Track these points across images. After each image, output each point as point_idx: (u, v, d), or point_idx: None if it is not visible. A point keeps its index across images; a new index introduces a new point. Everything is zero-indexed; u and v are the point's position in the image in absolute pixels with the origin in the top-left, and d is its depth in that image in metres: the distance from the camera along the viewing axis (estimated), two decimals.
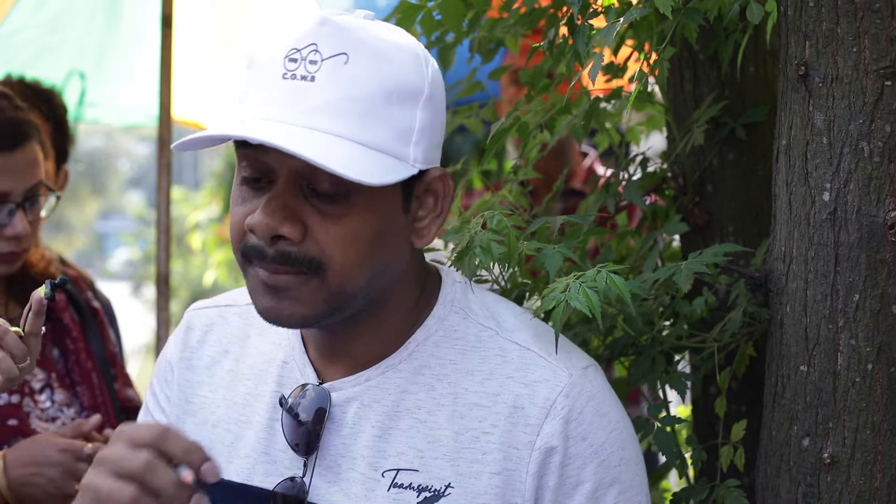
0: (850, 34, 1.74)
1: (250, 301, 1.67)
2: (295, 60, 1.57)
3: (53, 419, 2.62)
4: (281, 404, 1.69)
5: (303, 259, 1.59)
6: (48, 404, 2.62)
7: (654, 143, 3.07)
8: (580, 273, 1.75)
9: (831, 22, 1.75)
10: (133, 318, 9.17)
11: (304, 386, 1.71)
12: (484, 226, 1.82)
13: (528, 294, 2.09)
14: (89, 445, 2.49)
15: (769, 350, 1.93)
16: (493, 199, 2.27)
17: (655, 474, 2.29)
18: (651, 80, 2.13)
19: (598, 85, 2.18)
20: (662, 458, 2.01)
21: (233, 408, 1.77)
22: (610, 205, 2.17)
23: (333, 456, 1.68)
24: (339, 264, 1.59)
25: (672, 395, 2.05)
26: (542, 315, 1.78)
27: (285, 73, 1.56)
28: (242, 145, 1.61)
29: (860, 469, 1.81)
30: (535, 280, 2.06)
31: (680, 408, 2.48)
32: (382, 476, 1.66)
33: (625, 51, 2.29)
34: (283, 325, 1.65)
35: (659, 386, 2.00)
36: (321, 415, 1.68)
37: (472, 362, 1.69)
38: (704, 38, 2.11)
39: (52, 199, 2.67)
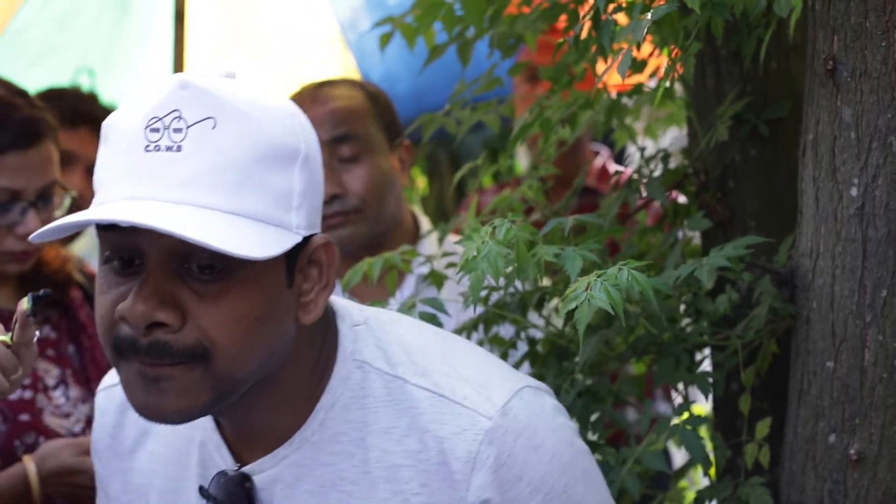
0: (878, 28, 1.73)
1: None
2: (157, 130, 1.44)
3: (67, 415, 2.62)
4: (202, 494, 1.60)
5: (183, 349, 1.45)
6: (63, 400, 2.62)
7: (665, 141, 3.06)
8: (601, 272, 1.73)
9: (860, 16, 1.75)
10: None
11: (223, 472, 1.60)
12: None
13: (548, 296, 2.08)
14: None
15: (794, 346, 1.93)
16: (513, 196, 2.26)
17: (676, 474, 2.28)
18: (670, 75, 2.12)
19: (619, 81, 2.17)
20: (675, 456, 2.01)
21: (164, 496, 1.67)
22: (632, 201, 2.16)
23: None
24: (225, 348, 1.46)
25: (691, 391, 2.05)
26: (564, 316, 1.76)
27: (148, 146, 1.43)
28: (107, 228, 1.46)
29: (887, 465, 1.81)
30: (554, 283, 2.06)
31: (696, 406, 2.47)
32: None
33: (645, 47, 2.28)
34: (168, 422, 1.50)
35: (685, 384, 2.00)
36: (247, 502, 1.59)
37: (386, 420, 1.57)
38: (727, 33, 2.10)
39: (66, 199, 2.66)
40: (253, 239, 1.43)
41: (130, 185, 1.44)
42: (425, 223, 2.74)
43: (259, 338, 1.48)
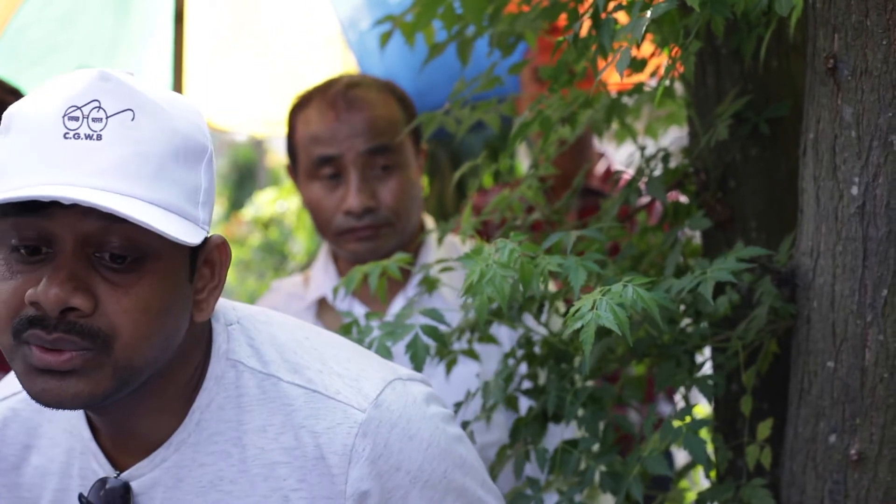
0: (879, 26, 1.73)
1: None
2: (76, 119, 1.45)
3: None
4: (81, 503, 1.60)
5: (91, 331, 1.47)
6: None
7: (665, 140, 3.05)
8: (606, 288, 1.73)
9: (860, 14, 1.74)
10: None
11: (102, 480, 1.60)
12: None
13: (549, 302, 2.08)
14: None
15: (795, 346, 1.92)
16: (512, 196, 2.25)
17: (677, 474, 2.27)
18: (669, 75, 2.11)
19: (619, 80, 2.16)
20: (677, 455, 2.00)
21: None
22: (632, 200, 2.15)
23: None
24: (127, 337, 1.48)
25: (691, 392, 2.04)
26: (569, 334, 1.76)
27: (67, 133, 1.44)
28: (17, 213, 1.46)
29: (888, 466, 1.79)
30: (556, 291, 2.05)
31: (697, 406, 2.46)
32: None
33: (646, 46, 2.27)
34: (66, 408, 1.50)
35: (684, 389, 1.99)
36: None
37: (261, 418, 1.60)
38: (727, 32, 2.09)
39: None
40: (173, 227, 1.46)
41: (47, 172, 1.44)
42: (429, 222, 2.73)
43: (160, 328, 1.50)
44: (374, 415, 1.59)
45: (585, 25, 1.96)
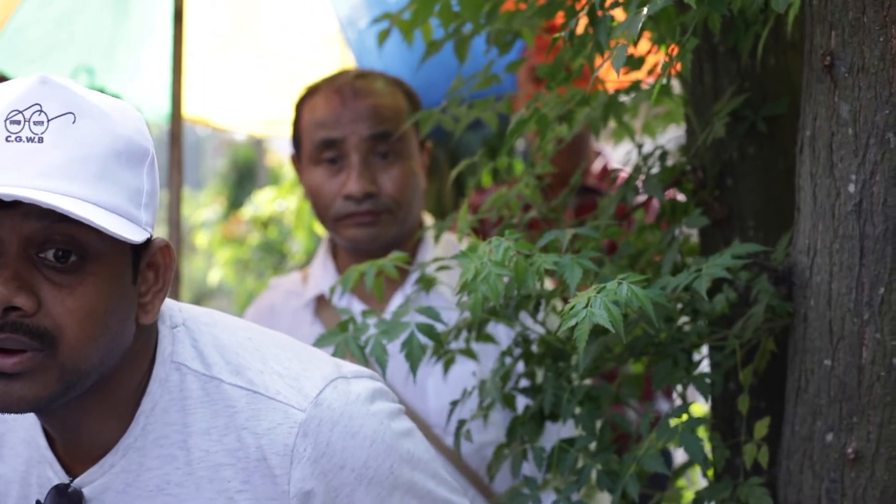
0: (876, 23, 1.72)
1: None
2: (18, 122, 1.48)
3: None
4: None
5: (36, 330, 1.49)
6: None
7: (663, 139, 3.04)
8: (601, 286, 1.73)
9: (857, 11, 1.73)
10: None
11: (56, 487, 1.63)
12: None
13: (546, 301, 2.07)
14: None
15: (792, 344, 1.91)
16: (509, 194, 2.24)
17: (674, 473, 2.27)
18: (666, 72, 2.11)
19: (616, 77, 2.16)
20: (675, 454, 1.99)
21: None
22: (629, 199, 2.15)
23: None
24: (73, 338, 1.50)
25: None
26: (566, 332, 1.76)
27: (9, 136, 1.47)
28: None
29: (885, 464, 1.79)
30: (552, 290, 2.05)
31: (694, 405, 2.46)
32: None
33: (643, 44, 2.27)
34: (12, 411, 1.53)
35: (681, 388, 1.98)
36: None
37: (204, 420, 1.61)
38: (724, 30, 2.09)
39: None
40: (114, 225, 1.48)
41: None
42: (428, 220, 2.73)
43: (105, 330, 1.52)
44: (314, 414, 1.60)
45: (582, 23, 1.96)
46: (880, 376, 1.77)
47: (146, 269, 1.58)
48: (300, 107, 2.67)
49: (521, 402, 2.22)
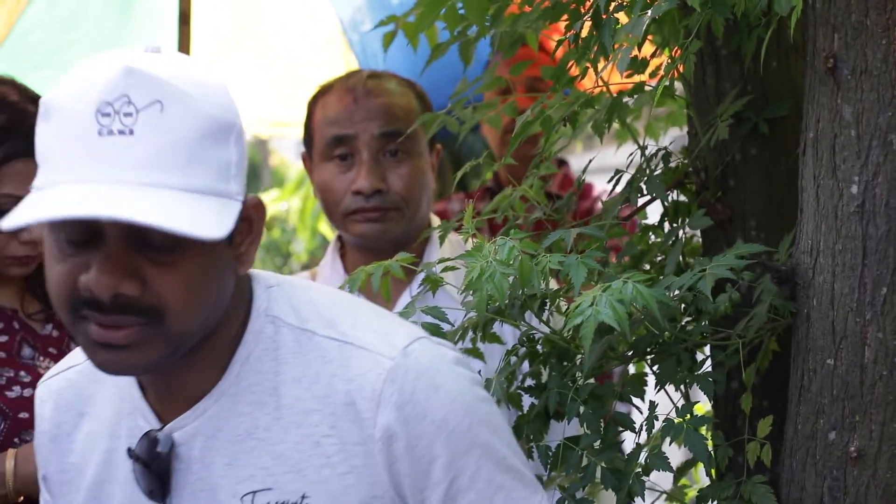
0: (879, 26, 1.74)
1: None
2: (108, 115, 1.52)
3: None
4: (130, 456, 1.69)
5: (143, 309, 1.57)
6: None
7: (664, 141, 3.06)
8: (606, 285, 1.75)
9: (860, 14, 1.75)
10: None
11: (147, 433, 1.69)
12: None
13: (549, 301, 2.09)
14: None
15: (795, 344, 1.93)
16: (514, 195, 2.26)
17: (678, 471, 2.28)
18: (669, 75, 2.12)
19: (620, 80, 2.17)
20: (673, 454, 2.00)
21: (99, 468, 1.76)
22: (633, 200, 2.17)
23: (192, 492, 1.68)
24: (178, 310, 1.57)
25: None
26: (570, 331, 1.78)
27: (101, 130, 1.52)
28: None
29: (887, 462, 1.81)
30: (557, 289, 2.06)
31: (697, 405, 2.47)
32: (241, 501, 1.67)
33: (646, 46, 2.28)
34: (125, 374, 1.65)
35: (685, 387, 2.00)
36: (168, 456, 1.68)
37: (296, 369, 1.68)
38: (727, 33, 2.11)
39: None
40: (208, 218, 1.54)
41: (86, 169, 1.52)
42: (434, 221, 2.75)
43: (207, 296, 1.60)
44: (402, 362, 1.66)
45: (586, 26, 1.98)
46: (882, 375, 1.79)
47: (241, 222, 1.63)
48: (312, 105, 2.71)
49: (527, 400, 2.23)
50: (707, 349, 2.11)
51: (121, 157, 1.52)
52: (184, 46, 3.74)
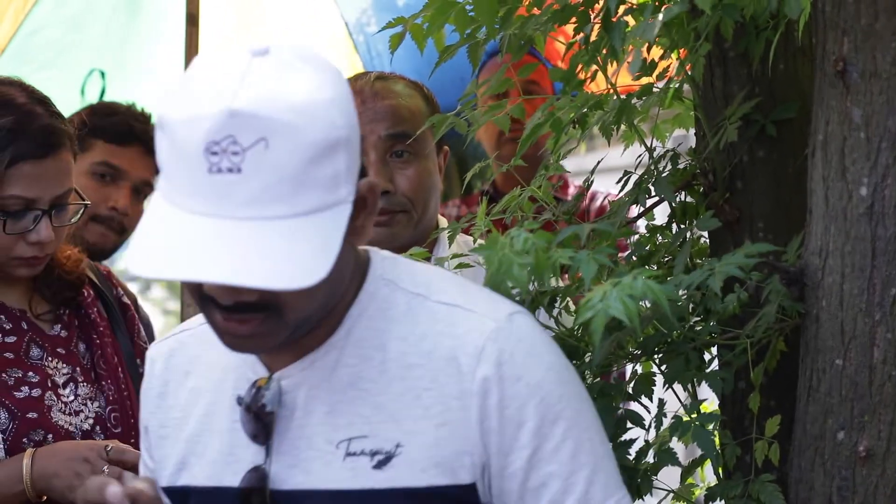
0: (888, 30, 1.76)
1: (202, 321, 1.80)
2: (216, 153, 1.60)
3: (77, 412, 2.63)
4: (238, 403, 1.78)
5: (262, 307, 1.67)
6: (71, 398, 2.63)
7: (667, 142, 3.07)
8: (616, 280, 1.76)
9: (870, 17, 1.77)
10: None
11: (256, 381, 1.78)
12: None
13: (560, 297, 2.10)
14: (110, 445, 2.51)
15: (804, 344, 1.94)
16: (522, 196, 2.27)
17: (685, 470, 2.29)
18: (677, 77, 2.14)
19: (628, 82, 2.19)
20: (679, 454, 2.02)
21: (200, 420, 1.85)
22: (641, 201, 2.18)
23: (291, 439, 1.77)
24: (294, 304, 1.67)
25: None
26: (580, 328, 1.79)
27: (210, 168, 1.60)
28: None
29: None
30: (567, 286, 2.07)
31: (703, 405, 2.48)
32: (336, 448, 1.74)
33: (654, 49, 2.29)
34: (249, 354, 1.78)
35: (693, 384, 2.01)
36: (273, 401, 1.76)
37: (404, 328, 1.76)
38: (735, 35, 2.12)
39: (80, 209, 2.66)
40: (321, 248, 1.63)
41: (197, 202, 1.62)
42: (443, 222, 2.76)
43: (322, 289, 1.67)
44: (505, 326, 1.74)
45: (595, 29, 1.99)
46: (891, 376, 1.81)
47: (355, 203, 1.70)
48: None
49: None
50: (714, 350, 2.13)
51: (228, 195, 1.60)
52: (191, 48, 3.74)
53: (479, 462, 1.72)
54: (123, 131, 3.43)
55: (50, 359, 2.63)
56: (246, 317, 1.68)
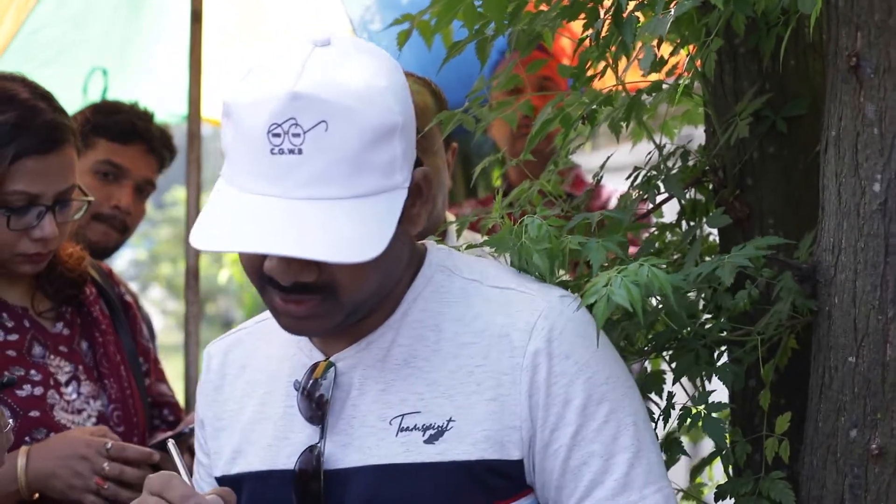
0: None
1: (259, 320, 1.93)
2: (278, 135, 1.68)
3: (79, 411, 2.62)
4: (295, 388, 1.84)
5: (319, 288, 1.74)
6: (74, 396, 2.62)
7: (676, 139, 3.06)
8: (622, 267, 1.76)
9: (883, 13, 1.76)
10: None
11: (313, 365, 1.84)
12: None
13: (570, 289, 2.09)
14: (109, 441, 2.51)
15: (816, 341, 1.93)
16: (532, 189, 2.26)
17: (695, 468, 2.29)
18: (687, 73, 2.13)
19: (638, 78, 2.18)
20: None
21: (256, 410, 1.91)
22: (651, 198, 2.17)
23: (346, 419, 1.82)
24: (350, 286, 1.74)
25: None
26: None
27: (273, 149, 1.68)
28: None
29: None
30: (576, 277, 2.07)
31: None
32: (389, 424, 1.79)
33: (663, 46, 2.28)
34: (306, 336, 1.84)
35: (703, 377, 2.00)
36: (329, 384, 1.82)
37: (459, 310, 1.82)
38: (746, 31, 2.11)
39: (84, 205, 2.65)
40: (376, 226, 1.70)
41: (260, 183, 1.70)
42: (450, 216, 2.76)
43: (379, 270, 1.75)
44: (556, 305, 1.80)
45: (606, 24, 1.98)
46: None
47: (410, 191, 1.77)
48: None
49: None
50: (725, 347, 2.12)
51: (289, 175, 1.68)
52: (195, 45, 3.74)
53: (526, 437, 1.76)
54: (126, 130, 3.43)
55: (52, 357, 2.63)
56: (303, 297, 1.74)
